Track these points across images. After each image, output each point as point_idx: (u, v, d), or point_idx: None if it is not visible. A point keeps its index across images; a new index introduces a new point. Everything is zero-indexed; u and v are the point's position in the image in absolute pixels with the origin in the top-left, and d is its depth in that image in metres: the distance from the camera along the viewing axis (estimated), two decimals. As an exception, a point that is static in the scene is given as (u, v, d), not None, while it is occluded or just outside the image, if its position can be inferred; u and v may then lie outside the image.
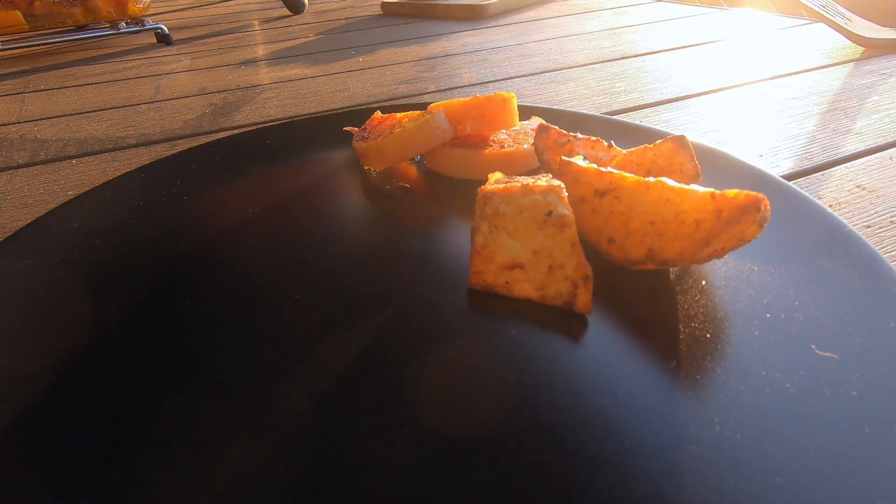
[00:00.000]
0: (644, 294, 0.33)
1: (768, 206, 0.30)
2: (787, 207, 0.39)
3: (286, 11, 1.55)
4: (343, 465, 0.24)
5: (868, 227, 0.41)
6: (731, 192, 0.30)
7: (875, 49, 0.85)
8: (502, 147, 0.47)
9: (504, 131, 0.50)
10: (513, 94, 0.48)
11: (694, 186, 0.31)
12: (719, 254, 0.31)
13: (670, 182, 0.32)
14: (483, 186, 0.34)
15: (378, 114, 0.53)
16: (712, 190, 0.30)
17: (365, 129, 0.52)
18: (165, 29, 1.26)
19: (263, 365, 0.30)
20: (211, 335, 0.32)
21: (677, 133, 0.40)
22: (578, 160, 0.35)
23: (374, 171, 0.51)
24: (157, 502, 0.23)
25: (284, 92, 0.85)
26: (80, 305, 0.36)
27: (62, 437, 0.26)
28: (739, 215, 0.29)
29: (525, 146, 0.47)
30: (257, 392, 0.28)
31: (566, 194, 0.32)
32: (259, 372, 0.29)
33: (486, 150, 0.47)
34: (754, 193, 0.29)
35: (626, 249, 0.33)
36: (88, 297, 0.36)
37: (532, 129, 0.50)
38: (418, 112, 0.49)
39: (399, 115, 0.51)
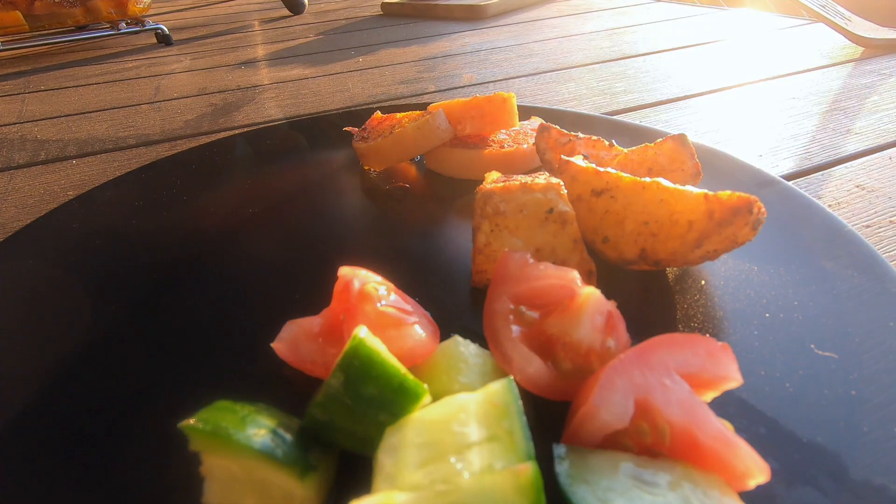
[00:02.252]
0: (644, 293, 0.33)
1: (762, 209, 0.30)
2: (786, 207, 0.39)
3: (286, 12, 1.55)
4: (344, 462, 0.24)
5: (867, 226, 0.41)
6: (724, 193, 0.30)
7: (875, 49, 0.85)
8: (502, 147, 0.47)
9: (504, 131, 0.50)
10: (512, 94, 0.48)
11: (689, 187, 0.31)
12: (711, 256, 0.31)
13: (666, 183, 0.32)
14: (481, 185, 0.34)
15: (378, 114, 0.53)
16: (706, 191, 0.30)
17: (365, 130, 0.52)
18: (165, 29, 1.26)
19: (262, 364, 0.30)
20: (210, 334, 0.32)
21: (677, 133, 0.40)
22: (578, 159, 0.35)
23: (374, 171, 0.51)
24: (153, 501, 0.23)
25: (284, 92, 0.85)
26: (79, 305, 0.36)
27: (61, 435, 0.26)
28: (731, 217, 0.29)
29: (525, 146, 0.47)
30: (257, 392, 0.28)
31: (566, 191, 0.32)
32: (259, 371, 0.29)
33: (486, 150, 0.47)
34: (746, 195, 0.29)
35: (620, 249, 0.33)
36: (88, 297, 0.36)
37: (532, 130, 0.50)
38: (418, 112, 0.49)
39: (399, 115, 0.51)
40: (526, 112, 0.58)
